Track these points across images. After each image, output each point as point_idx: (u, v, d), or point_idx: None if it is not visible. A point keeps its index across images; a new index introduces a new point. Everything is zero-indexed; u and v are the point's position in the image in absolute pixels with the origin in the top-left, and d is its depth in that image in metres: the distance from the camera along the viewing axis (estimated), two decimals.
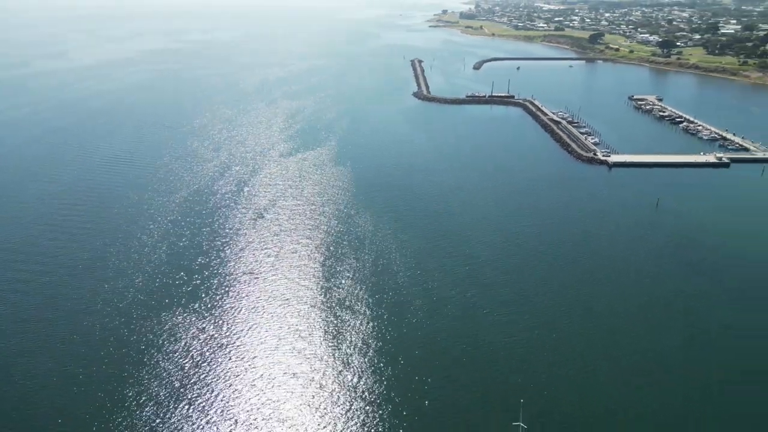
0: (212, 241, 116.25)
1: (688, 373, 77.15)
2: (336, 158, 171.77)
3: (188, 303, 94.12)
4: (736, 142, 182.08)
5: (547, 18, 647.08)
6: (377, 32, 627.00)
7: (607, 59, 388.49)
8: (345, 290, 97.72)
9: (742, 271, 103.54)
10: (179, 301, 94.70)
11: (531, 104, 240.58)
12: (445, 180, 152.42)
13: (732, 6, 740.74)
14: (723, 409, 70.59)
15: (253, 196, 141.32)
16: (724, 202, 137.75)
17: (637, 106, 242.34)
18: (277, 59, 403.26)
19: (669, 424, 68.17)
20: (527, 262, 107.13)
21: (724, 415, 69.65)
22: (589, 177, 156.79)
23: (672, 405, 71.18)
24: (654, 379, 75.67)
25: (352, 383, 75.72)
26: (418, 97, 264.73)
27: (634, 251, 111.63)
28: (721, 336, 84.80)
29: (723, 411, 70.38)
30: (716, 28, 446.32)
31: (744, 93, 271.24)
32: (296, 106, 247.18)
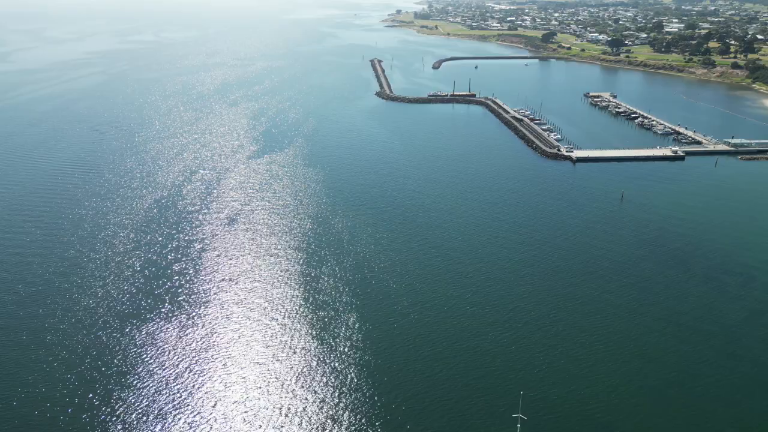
0: (187, 247, 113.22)
1: (669, 355, 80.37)
2: (306, 159, 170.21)
3: (169, 312, 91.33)
4: (688, 135, 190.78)
5: (499, 18, 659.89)
6: (333, 32, 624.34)
7: (560, 58, 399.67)
8: (329, 290, 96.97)
9: (707, 256, 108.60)
10: (159, 310, 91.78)
11: (492, 102, 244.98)
12: (417, 178, 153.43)
13: (672, 5, 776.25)
14: (705, 389, 73.92)
15: (224, 199, 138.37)
16: (683, 192, 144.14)
17: (593, 102, 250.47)
18: (234, 60, 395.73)
19: (662, 408, 70.96)
20: (507, 257, 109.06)
21: (707, 394, 72.95)
22: (555, 172, 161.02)
23: (660, 387, 74.10)
24: (645, 364, 78.46)
25: (347, 381, 75.25)
26: (382, 97, 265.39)
27: (606, 241, 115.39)
28: (697, 319, 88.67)
29: (705, 390, 73.70)
30: (661, 26, 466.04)
31: (691, 89, 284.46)
32: (259, 107, 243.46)
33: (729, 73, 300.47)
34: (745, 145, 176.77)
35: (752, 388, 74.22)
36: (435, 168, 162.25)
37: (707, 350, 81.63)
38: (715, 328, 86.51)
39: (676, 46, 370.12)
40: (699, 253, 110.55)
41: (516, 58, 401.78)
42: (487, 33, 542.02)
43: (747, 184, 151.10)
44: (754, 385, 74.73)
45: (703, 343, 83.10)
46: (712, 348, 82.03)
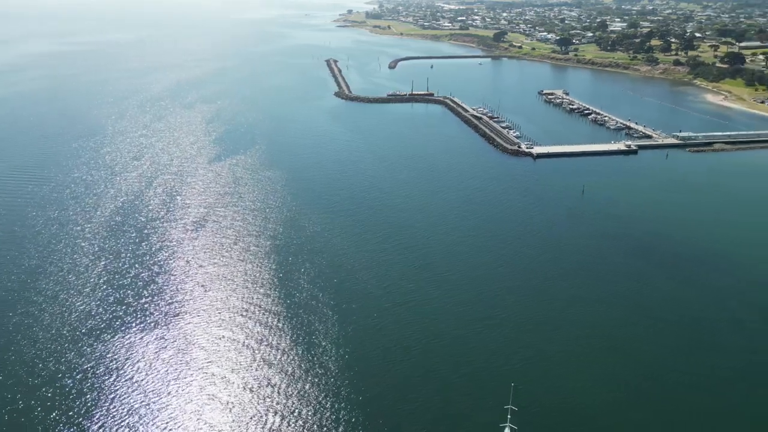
0: (154, 254, 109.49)
1: (644, 346, 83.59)
2: (269, 161, 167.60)
3: (140, 323, 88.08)
4: (639, 130, 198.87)
5: (450, 17, 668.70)
6: (285, 32, 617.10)
7: (512, 57, 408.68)
8: (306, 294, 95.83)
9: (668, 246, 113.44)
10: (130, 322, 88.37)
11: (451, 101, 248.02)
12: (384, 178, 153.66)
13: (613, 5, 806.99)
14: (679, 378, 77.37)
15: (188, 204, 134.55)
16: (639, 185, 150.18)
17: (547, 100, 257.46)
18: (183, 61, 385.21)
19: (641, 398, 73.78)
20: (479, 255, 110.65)
21: (682, 384, 76.35)
22: (517, 168, 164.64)
23: (636, 378, 77.04)
24: (622, 357, 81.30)
25: (331, 383, 74.63)
26: (341, 97, 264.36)
27: (572, 236, 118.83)
28: (665, 310, 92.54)
29: (679, 379, 77.14)
30: (605, 26, 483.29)
31: (637, 85, 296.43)
32: (215, 109, 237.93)
33: (671, 69, 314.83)
34: (692, 138, 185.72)
35: (723, 375, 78.08)
36: (401, 167, 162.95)
37: (677, 340, 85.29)
38: (683, 318, 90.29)
39: (620, 44, 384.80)
40: (660, 243, 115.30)
41: (470, 58, 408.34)
42: (440, 33, 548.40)
43: (697, 175, 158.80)
44: (725, 372, 78.62)
45: (674, 334, 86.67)
46: (681, 337, 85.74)
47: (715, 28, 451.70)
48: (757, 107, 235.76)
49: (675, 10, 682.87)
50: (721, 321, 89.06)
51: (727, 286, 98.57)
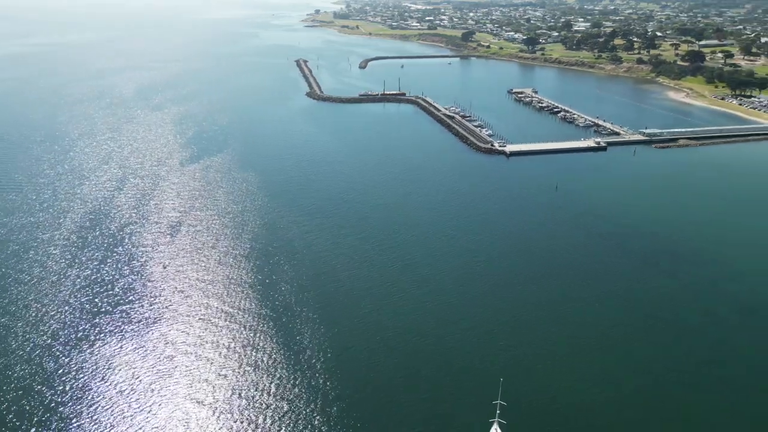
0: (129, 261, 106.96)
1: (633, 343, 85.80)
2: (243, 163, 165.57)
3: (120, 331, 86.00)
4: (607, 127, 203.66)
5: (418, 17, 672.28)
6: (253, 32, 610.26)
7: (481, 56, 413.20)
8: (288, 297, 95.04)
9: (645, 241, 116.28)
10: (108, 331, 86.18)
11: (423, 101, 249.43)
12: (361, 178, 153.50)
13: (576, 5, 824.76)
14: (662, 374, 79.69)
15: (162, 208, 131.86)
16: (610, 181, 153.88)
17: (517, 98, 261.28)
18: (150, 62, 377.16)
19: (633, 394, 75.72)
20: (461, 254, 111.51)
21: (666, 380, 78.69)
22: (492, 166, 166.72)
23: (626, 374, 79.02)
24: (614, 350, 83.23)
25: (318, 386, 74.32)
26: (313, 97, 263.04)
27: (551, 233, 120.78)
28: (649, 305, 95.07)
29: (663, 374, 79.46)
30: (570, 26, 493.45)
31: (603, 83, 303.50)
32: (185, 111, 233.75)
33: (635, 68, 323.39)
34: (657, 134, 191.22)
35: (711, 369, 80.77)
36: (378, 167, 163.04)
37: (663, 334, 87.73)
38: (668, 314, 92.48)
39: (585, 43, 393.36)
40: (637, 238, 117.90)
41: (439, 57, 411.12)
42: (408, 32, 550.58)
43: (664, 171, 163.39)
44: (713, 366, 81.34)
45: (659, 328, 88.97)
46: (666, 332, 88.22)
47: (675, 28, 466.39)
48: (717, 104, 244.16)
49: (635, 10, 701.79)
50: (695, 311, 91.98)
51: (702, 280, 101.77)
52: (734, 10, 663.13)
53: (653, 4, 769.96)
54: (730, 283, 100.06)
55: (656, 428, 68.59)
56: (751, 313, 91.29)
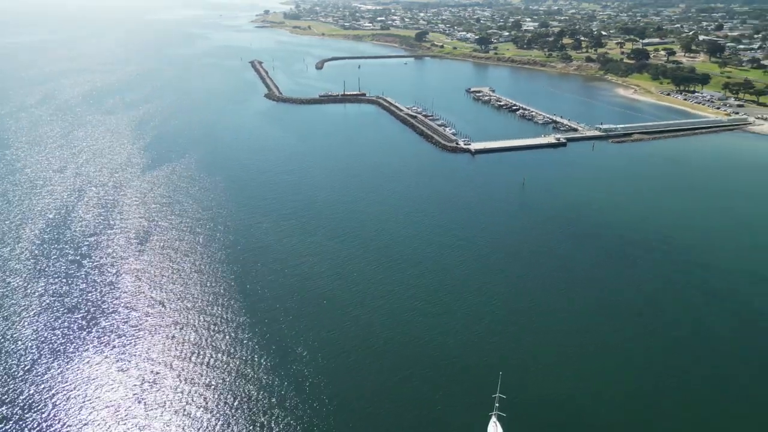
0: (100, 273, 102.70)
1: (612, 335, 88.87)
2: (208, 167, 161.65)
3: (97, 346, 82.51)
4: (565, 124, 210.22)
5: (370, 18, 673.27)
6: (202, 33, 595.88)
7: (435, 56, 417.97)
8: (269, 302, 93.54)
9: (613, 232, 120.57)
10: (85, 345, 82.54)
11: (384, 101, 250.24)
12: (330, 180, 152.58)
13: (522, 5, 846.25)
14: (624, 354, 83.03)
15: (127, 217, 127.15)
16: (572, 175, 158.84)
17: (475, 97, 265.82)
18: (98, 64, 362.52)
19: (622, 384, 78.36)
20: (439, 249, 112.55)
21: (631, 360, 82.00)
22: (458, 164, 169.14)
23: (617, 366, 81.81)
24: (599, 347, 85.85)
25: (313, 390, 73.58)
26: (272, 99, 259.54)
27: (520, 223, 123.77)
28: (626, 298, 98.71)
29: (626, 354, 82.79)
30: (519, 25, 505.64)
31: (556, 81, 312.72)
32: (141, 115, 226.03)
33: (584, 66, 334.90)
34: (613, 129, 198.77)
35: (702, 361, 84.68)
36: (347, 169, 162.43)
37: (636, 325, 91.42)
38: (641, 302, 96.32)
39: (535, 43, 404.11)
40: (604, 230, 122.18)
41: (395, 57, 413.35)
42: (362, 33, 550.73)
43: (622, 164, 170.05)
44: (703, 359, 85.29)
45: (647, 322, 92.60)
46: (639, 322, 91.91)
47: (618, 27, 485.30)
48: (663, 99, 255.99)
49: (578, 10, 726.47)
50: (667, 300, 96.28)
51: (673, 267, 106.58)
52: (670, 9, 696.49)
53: (594, 4, 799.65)
54: (698, 269, 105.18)
55: (652, 421, 71.28)
56: (722, 298, 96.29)
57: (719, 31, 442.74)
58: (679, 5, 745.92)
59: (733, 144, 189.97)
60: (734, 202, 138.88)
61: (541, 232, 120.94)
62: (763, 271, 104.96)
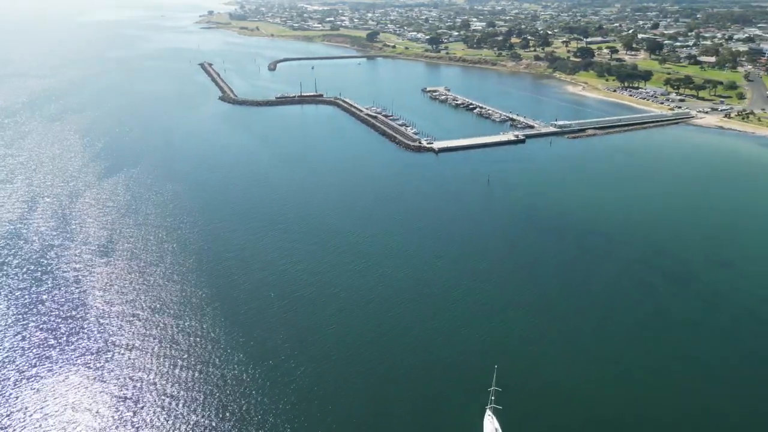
0: (65, 287, 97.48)
1: (586, 318, 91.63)
2: (167, 173, 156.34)
3: (71, 364, 78.33)
4: (522, 121, 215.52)
5: (318, 18, 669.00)
6: (144, 34, 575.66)
7: (387, 56, 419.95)
8: (249, 308, 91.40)
9: (576, 223, 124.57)
10: (58, 364, 78.20)
11: (342, 102, 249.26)
12: (296, 184, 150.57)
13: (467, 5, 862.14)
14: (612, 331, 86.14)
15: (86, 227, 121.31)
16: (533, 170, 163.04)
17: (432, 97, 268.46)
18: (33, 68, 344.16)
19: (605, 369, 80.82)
20: (416, 248, 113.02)
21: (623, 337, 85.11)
22: (423, 163, 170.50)
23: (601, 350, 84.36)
24: (601, 334, 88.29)
25: (312, 390, 72.51)
26: (227, 101, 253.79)
27: (491, 219, 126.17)
28: (584, 282, 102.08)
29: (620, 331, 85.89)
30: (468, 25, 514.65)
31: (508, 79, 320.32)
32: (88, 121, 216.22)
33: (533, 64, 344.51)
34: (568, 126, 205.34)
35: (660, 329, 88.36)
36: (313, 171, 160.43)
37: (590, 308, 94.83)
38: (597, 288, 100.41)
39: (485, 42, 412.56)
40: (572, 220, 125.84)
41: (348, 58, 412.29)
42: (312, 33, 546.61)
43: (579, 158, 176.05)
44: (662, 326, 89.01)
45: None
46: (594, 306, 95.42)
47: (561, 26, 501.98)
48: (611, 95, 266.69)
49: (521, 10, 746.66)
50: (626, 287, 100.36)
51: (632, 254, 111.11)
52: (607, 9, 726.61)
53: (535, 5, 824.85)
54: (659, 256, 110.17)
55: (647, 410, 73.97)
56: (680, 282, 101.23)
57: (656, 29, 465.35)
58: (615, 5, 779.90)
59: (678, 136, 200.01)
60: (685, 190, 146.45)
61: (512, 227, 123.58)
62: (716, 256, 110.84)
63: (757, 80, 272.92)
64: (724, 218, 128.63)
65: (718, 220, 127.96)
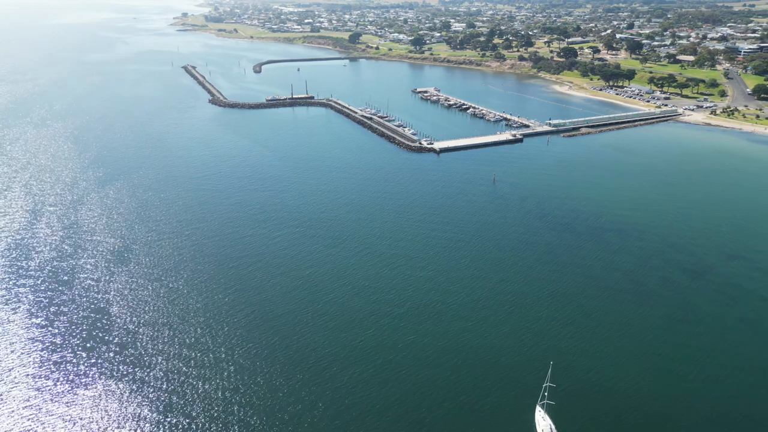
0: (87, 297, 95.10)
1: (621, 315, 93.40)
2: (171, 179, 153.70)
3: (106, 374, 76.59)
4: (516, 121, 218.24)
5: (296, 20, 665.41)
6: (119, 37, 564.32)
7: (371, 57, 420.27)
8: (287, 309, 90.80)
9: (585, 218, 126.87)
10: (94, 374, 76.39)
11: (335, 103, 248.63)
12: (308, 186, 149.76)
13: (442, 7, 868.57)
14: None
15: (97, 236, 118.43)
16: (535, 168, 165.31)
17: (423, 97, 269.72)
18: (10, 73, 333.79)
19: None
20: (441, 254, 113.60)
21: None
22: (426, 163, 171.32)
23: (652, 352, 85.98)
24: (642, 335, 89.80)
25: (359, 385, 72.36)
26: (218, 104, 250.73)
27: (503, 219, 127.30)
28: (605, 275, 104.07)
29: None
30: (449, 26, 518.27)
31: (493, 79, 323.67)
32: (78, 126, 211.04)
33: (518, 64, 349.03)
34: (562, 125, 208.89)
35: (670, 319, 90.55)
36: (319, 174, 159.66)
37: (622, 299, 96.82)
38: (618, 277, 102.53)
39: (468, 43, 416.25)
40: (575, 216, 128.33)
41: (333, 60, 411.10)
42: (292, 35, 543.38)
43: (578, 156, 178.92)
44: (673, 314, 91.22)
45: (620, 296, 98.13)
46: (625, 296, 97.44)
47: (539, 26, 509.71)
48: (597, 94, 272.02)
49: (496, 11, 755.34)
50: (650, 275, 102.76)
51: (648, 250, 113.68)
52: (579, 9, 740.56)
53: (509, 6, 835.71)
54: (674, 250, 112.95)
55: (693, 405, 75.70)
56: (698, 275, 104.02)
57: (631, 29, 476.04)
58: (587, 5, 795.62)
59: (670, 133, 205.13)
60: (685, 185, 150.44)
61: (526, 226, 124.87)
62: (728, 249, 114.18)
63: (737, 78, 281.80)
64: (729, 212, 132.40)
65: (723, 213, 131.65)
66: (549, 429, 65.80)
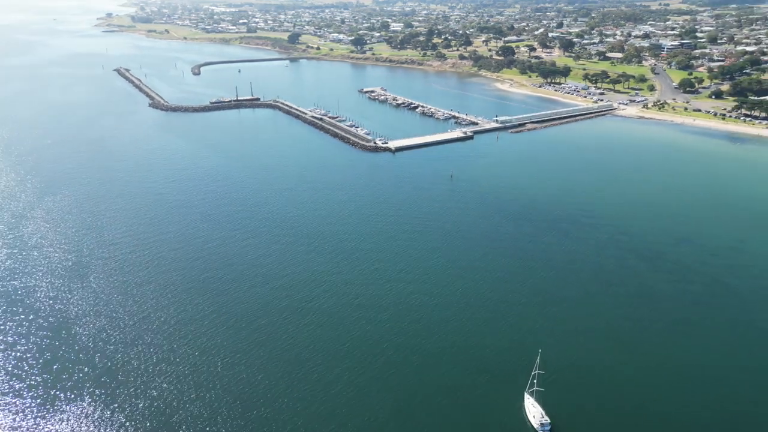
0: (46, 318, 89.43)
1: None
2: (117, 187, 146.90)
3: (65, 402, 72.59)
4: (464, 118, 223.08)
5: (230, 20, 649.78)
6: (39, 40, 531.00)
7: (312, 57, 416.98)
8: (269, 317, 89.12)
9: (539, 210, 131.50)
10: (72, 394, 72.17)
11: (282, 105, 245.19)
12: (259, 190, 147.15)
13: (376, 7, 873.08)
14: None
15: (48, 252, 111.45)
16: (488, 164, 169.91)
17: (371, 97, 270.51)
18: None
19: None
20: (404, 251, 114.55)
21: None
22: (383, 163, 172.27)
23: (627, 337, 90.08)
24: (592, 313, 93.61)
25: (351, 381, 72.17)
26: (160, 108, 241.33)
27: (465, 214, 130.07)
28: (567, 262, 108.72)
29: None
30: (388, 26, 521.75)
31: (435, 78, 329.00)
32: (4, 137, 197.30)
33: (459, 63, 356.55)
34: (508, 121, 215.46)
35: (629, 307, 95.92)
36: (273, 179, 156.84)
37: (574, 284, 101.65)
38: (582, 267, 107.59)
39: (408, 42, 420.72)
40: (533, 208, 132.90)
41: (272, 60, 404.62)
42: (228, 36, 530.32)
43: (527, 150, 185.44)
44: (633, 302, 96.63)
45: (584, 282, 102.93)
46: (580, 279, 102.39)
47: (473, 26, 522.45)
48: (537, 91, 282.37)
49: (430, 11, 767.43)
50: (613, 264, 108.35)
51: (603, 237, 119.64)
52: (509, 9, 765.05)
53: (442, 5, 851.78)
54: (624, 238, 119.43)
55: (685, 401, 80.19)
56: (652, 260, 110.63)
57: (561, 28, 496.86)
58: (515, 5, 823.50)
59: (608, 126, 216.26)
60: (628, 174, 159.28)
61: (487, 219, 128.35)
62: (676, 233, 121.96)
63: (662, 73, 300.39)
64: (671, 199, 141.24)
65: (666, 200, 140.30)
66: (540, 415, 68.17)
